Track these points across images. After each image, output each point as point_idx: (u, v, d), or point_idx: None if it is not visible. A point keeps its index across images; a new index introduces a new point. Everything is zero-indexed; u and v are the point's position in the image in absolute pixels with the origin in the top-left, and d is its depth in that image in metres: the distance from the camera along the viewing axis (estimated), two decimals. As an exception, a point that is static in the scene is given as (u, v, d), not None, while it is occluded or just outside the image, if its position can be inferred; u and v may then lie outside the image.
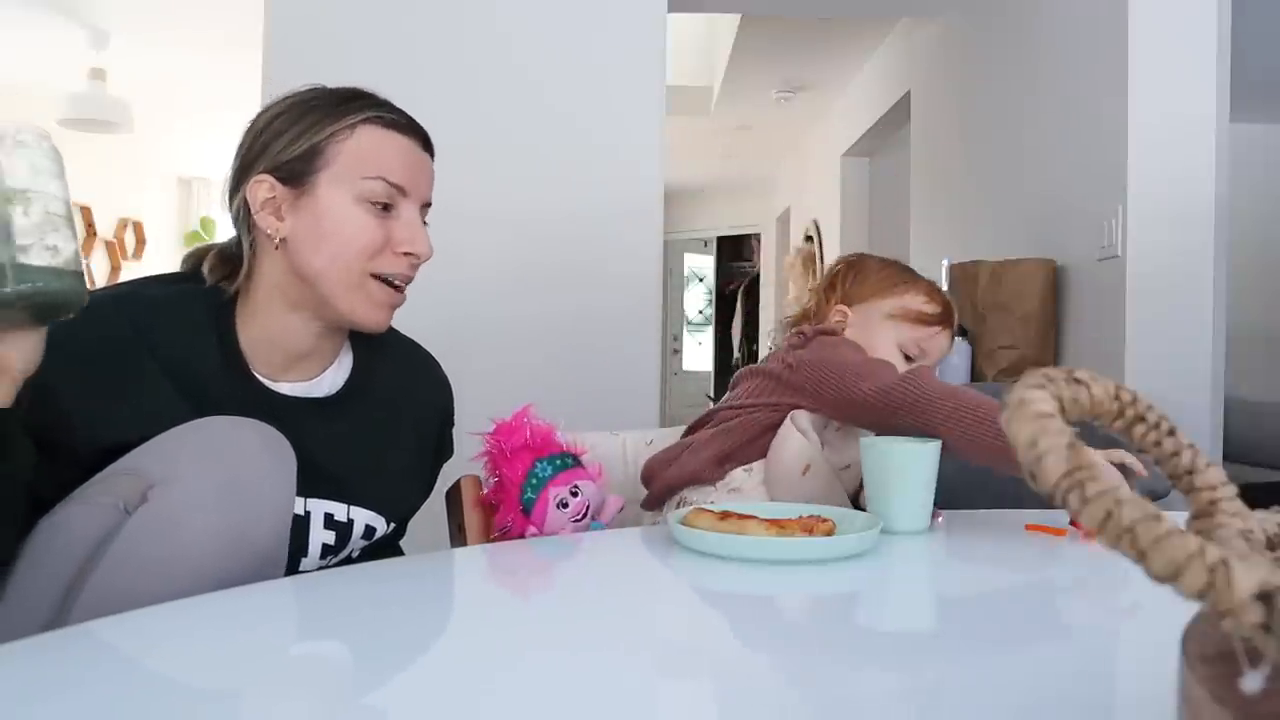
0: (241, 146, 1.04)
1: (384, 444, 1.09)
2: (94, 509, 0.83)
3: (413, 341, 1.20)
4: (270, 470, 0.85)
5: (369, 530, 1.07)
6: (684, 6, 3.75)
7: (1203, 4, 2.31)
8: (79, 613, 0.78)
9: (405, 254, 1.03)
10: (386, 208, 1.01)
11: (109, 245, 6.05)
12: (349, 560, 1.07)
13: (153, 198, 6.42)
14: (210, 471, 0.82)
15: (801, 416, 1.16)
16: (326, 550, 1.04)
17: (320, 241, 0.99)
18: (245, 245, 1.03)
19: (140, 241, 6.30)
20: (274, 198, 1.00)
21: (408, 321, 1.26)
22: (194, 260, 1.09)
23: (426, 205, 1.07)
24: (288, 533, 0.88)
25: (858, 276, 1.31)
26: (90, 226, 5.87)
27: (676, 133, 5.61)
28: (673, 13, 2.35)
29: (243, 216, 1.02)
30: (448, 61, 2.09)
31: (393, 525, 1.12)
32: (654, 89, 2.14)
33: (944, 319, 1.28)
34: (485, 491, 1.12)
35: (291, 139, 1.00)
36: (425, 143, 1.07)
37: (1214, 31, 2.31)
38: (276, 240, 1.00)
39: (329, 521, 1.03)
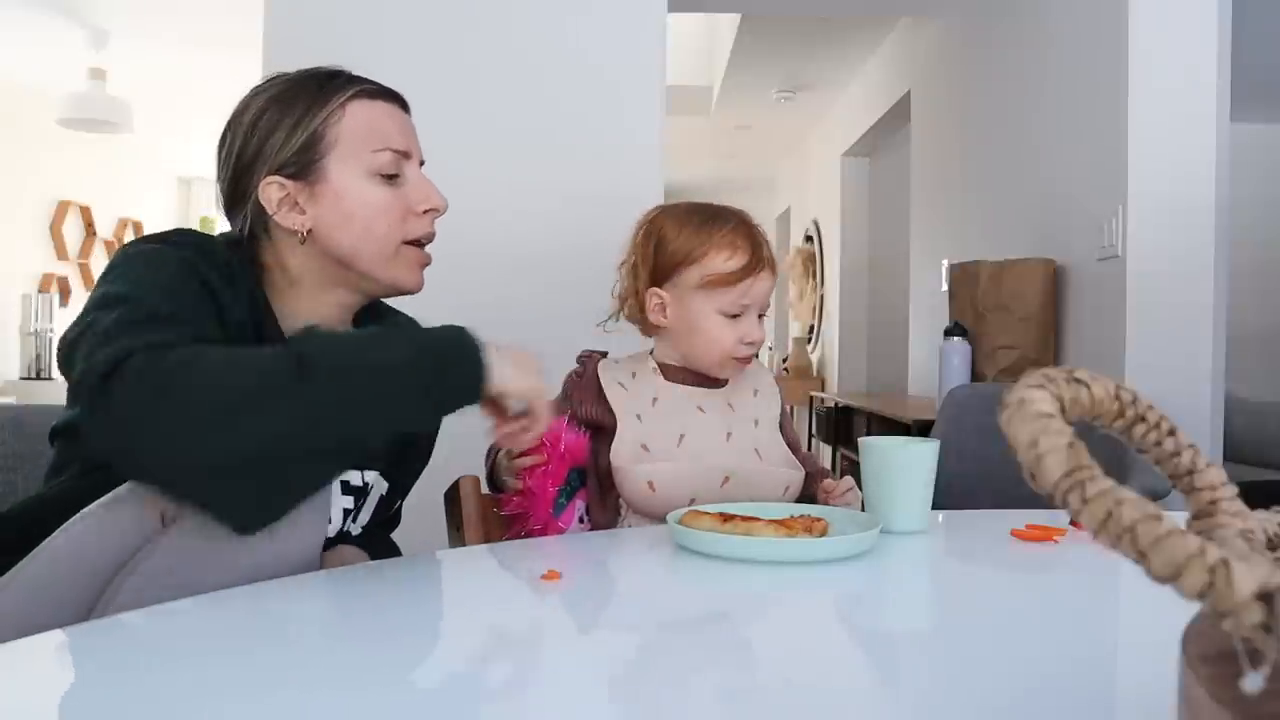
0: (229, 152, 1.03)
1: None
2: (127, 519, 0.80)
3: (401, 313, 1.20)
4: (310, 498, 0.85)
5: (375, 495, 1.09)
6: (684, 6, 3.75)
7: (1203, 4, 2.31)
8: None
9: (426, 211, 1.05)
10: (394, 176, 1.03)
11: (109, 245, 6.04)
12: (345, 537, 1.08)
13: (153, 198, 6.43)
14: None
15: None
16: (345, 514, 1.06)
17: (347, 223, 1.00)
18: (264, 244, 1.03)
19: (140, 241, 6.30)
20: (288, 194, 1.00)
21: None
22: None
23: (422, 162, 1.08)
24: (319, 554, 0.88)
25: (658, 249, 1.18)
26: (90, 226, 5.87)
27: (676, 133, 5.61)
28: (673, 13, 2.35)
29: (258, 218, 1.02)
30: (448, 61, 2.08)
31: (396, 504, 1.14)
32: (654, 89, 2.14)
33: (752, 267, 1.15)
34: (502, 495, 1.13)
35: (287, 133, 1.00)
36: (404, 104, 1.08)
37: (1214, 31, 2.30)
38: (303, 234, 1.00)
39: (346, 487, 1.05)
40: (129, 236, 6.23)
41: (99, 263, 5.96)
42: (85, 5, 4.02)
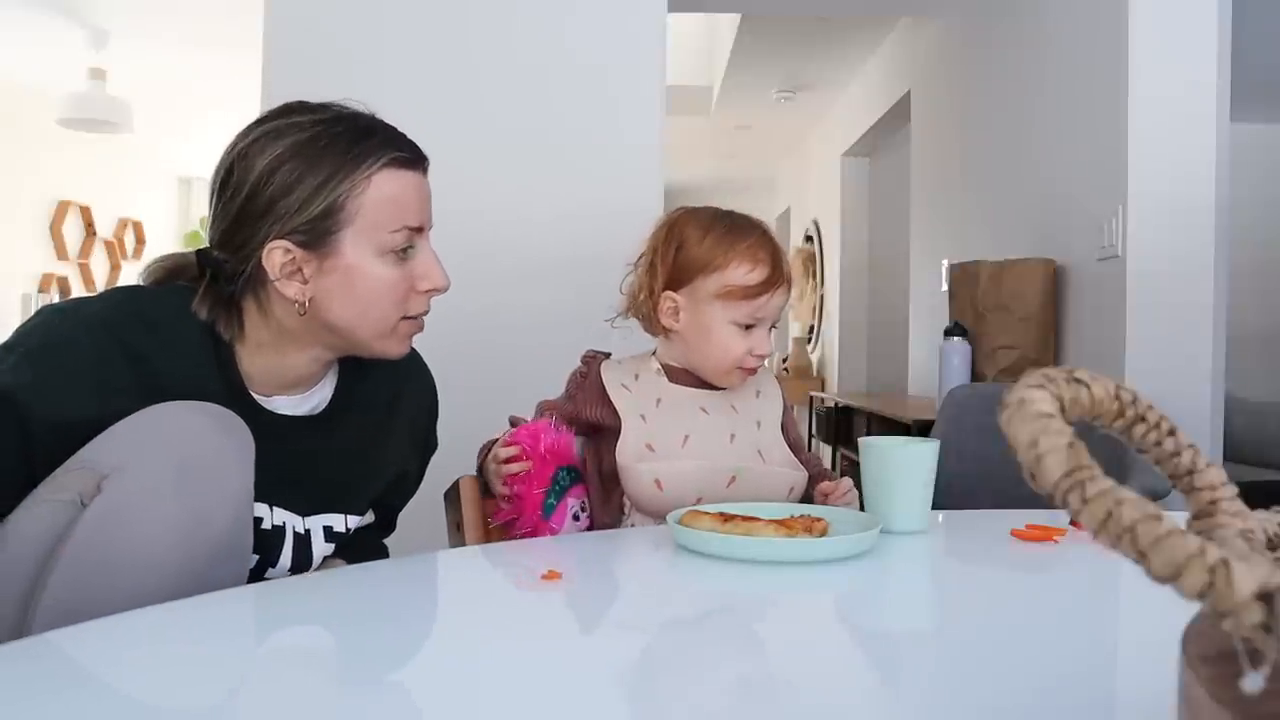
0: (234, 192, 0.94)
1: (379, 448, 1.09)
2: (48, 508, 0.80)
3: (420, 358, 1.17)
4: (225, 453, 0.82)
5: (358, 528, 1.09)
6: (684, 6, 3.74)
7: (1203, 4, 2.31)
8: (42, 615, 0.76)
9: (428, 290, 1.00)
10: (406, 250, 0.97)
11: (109, 245, 6.05)
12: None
13: (153, 198, 6.43)
14: (162, 457, 0.79)
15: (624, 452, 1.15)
16: (324, 560, 1.04)
17: (351, 299, 0.95)
18: (254, 297, 0.97)
19: (140, 241, 6.31)
20: (293, 259, 0.94)
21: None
22: (164, 278, 1.03)
23: (430, 229, 1.03)
24: (249, 518, 0.86)
25: (678, 252, 1.16)
26: (90, 226, 5.87)
27: (676, 133, 5.61)
28: (673, 13, 2.35)
29: (255, 275, 0.95)
30: (448, 61, 2.08)
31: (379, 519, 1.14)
32: (654, 89, 2.14)
33: (770, 283, 1.14)
34: (495, 498, 1.13)
35: (306, 196, 0.92)
36: (426, 165, 1.01)
37: (1214, 31, 2.30)
38: (303, 304, 0.95)
39: (329, 535, 1.03)
40: (129, 236, 6.23)
41: (99, 263, 5.96)
42: (85, 5, 4.02)
